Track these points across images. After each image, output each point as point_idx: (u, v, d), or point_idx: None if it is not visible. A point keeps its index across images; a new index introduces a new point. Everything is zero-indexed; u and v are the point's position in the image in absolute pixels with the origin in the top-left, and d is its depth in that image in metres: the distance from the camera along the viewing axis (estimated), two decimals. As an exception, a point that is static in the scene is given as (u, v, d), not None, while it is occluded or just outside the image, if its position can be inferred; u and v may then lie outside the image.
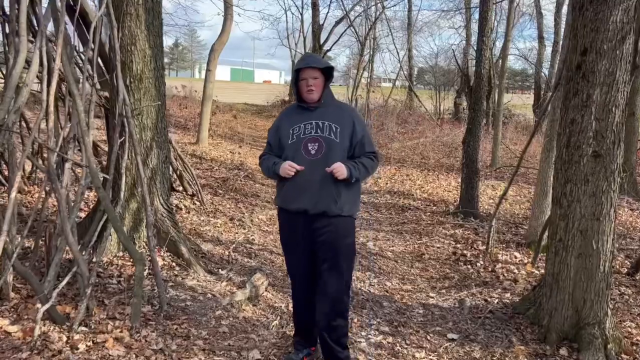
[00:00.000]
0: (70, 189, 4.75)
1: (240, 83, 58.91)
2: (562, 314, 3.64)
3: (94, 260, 3.92)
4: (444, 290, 4.61)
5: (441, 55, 26.98)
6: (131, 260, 4.08)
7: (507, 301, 4.32)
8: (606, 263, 3.54)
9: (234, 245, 5.17)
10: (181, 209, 6.09)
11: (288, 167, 2.80)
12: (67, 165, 3.78)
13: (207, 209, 6.27)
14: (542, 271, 5.16)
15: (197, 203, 6.36)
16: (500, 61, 12.59)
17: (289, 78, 29.58)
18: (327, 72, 2.95)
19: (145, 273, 4.06)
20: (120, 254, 4.28)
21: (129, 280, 3.90)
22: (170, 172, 6.52)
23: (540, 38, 22.36)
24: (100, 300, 3.53)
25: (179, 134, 11.98)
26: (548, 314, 3.72)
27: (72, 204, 3.76)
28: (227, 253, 4.94)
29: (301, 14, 20.33)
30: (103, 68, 4.84)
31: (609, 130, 3.44)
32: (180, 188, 6.62)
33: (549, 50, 22.49)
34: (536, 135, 19.70)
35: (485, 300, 4.36)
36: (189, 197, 6.49)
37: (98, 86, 5.38)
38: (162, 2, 4.52)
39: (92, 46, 4.09)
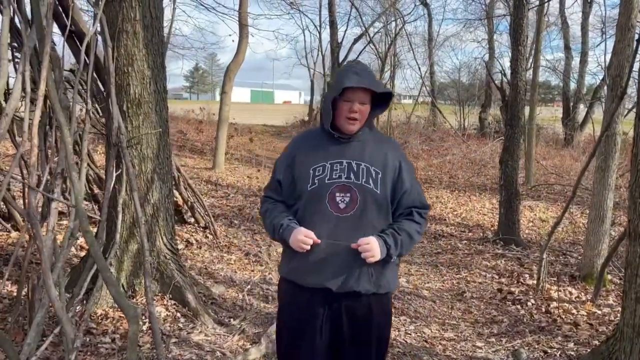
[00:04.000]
0: (59, 232, 4.23)
1: (260, 104, 59.04)
2: (649, 375, 2.95)
3: (84, 315, 3.37)
4: (493, 339, 3.94)
5: (464, 69, 26.31)
6: (129, 312, 3.53)
7: (572, 353, 3.63)
8: None
9: (248, 286, 4.59)
10: (192, 244, 5.55)
11: (303, 239, 1.98)
12: (53, 205, 3.26)
13: (220, 243, 5.72)
14: (605, 310, 4.47)
15: (210, 236, 5.81)
16: (532, 73, 11.89)
17: (308, 98, 29.22)
18: (379, 98, 2.11)
19: (144, 327, 3.51)
20: (117, 305, 3.73)
21: (126, 337, 3.34)
22: (181, 204, 6.01)
23: (567, 48, 21.59)
24: (88, 367, 2.97)
25: (195, 159, 11.54)
26: (630, 375, 3.03)
27: (60, 249, 3.24)
28: (240, 297, 4.35)
29: (319, 33, 19.94)
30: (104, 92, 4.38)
31: (702, 149, 2.79)
32: (192, 220, 6.09)
33: (576, 60, 21.83)
34: (567, 148, 18.99)
35: (545, 352, 3.68)
36: (201, 229, 5.95)
37: (96, 112, 4.92)
38: (162, 18, 4.04)
39: (83, 67, 3.63)
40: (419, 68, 20.47)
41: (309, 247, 1.99)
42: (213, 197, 7.94)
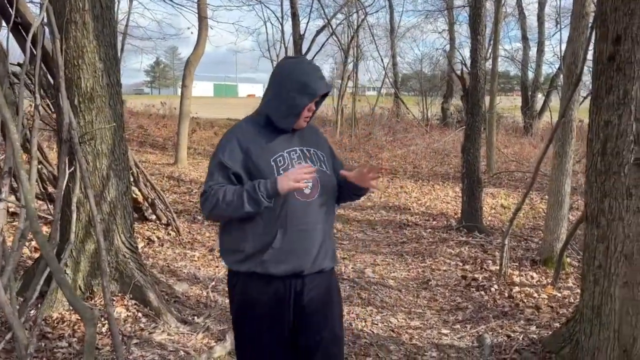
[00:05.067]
0: (10, 234, 4.06)
1: (224, 98, 58.33)
2: (608, 355, 3.01)
3: (38, 320, 3.24)
4: (458, 325, 3.98)
5: (425, 60, 26.52)
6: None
7: (534, 336, 3.69)
8: (659, 292, 2.93)
9: (213, 283, 4.51)
10: (154, 241, 5.41)
11: (300, 171, 1.94)
12: (1, 205, 3.12)
13: (183, 239, 5.60)
14: (565, 293, 4.58)
15: (172, 233, 5.69)
16: (491, 63, 12.07)
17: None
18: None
19: (103, 329, 3.39)
20: (75, 306, 3.59)
21: (84, 340, 3.21)
22: (141, 201, 5.85)
23: (525, 38, 22.04)
24: (43, 373, 2.85)
25: (156, 154, 11.29)
26: (590, 356, 3.09)
27: (10, 251, 3.09)
28: (205, 294, 4.27)
29: (281, 25, 19.72)
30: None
31: (653, 133, 2.85)
32: (153, 217, 5.94)
33: (533, 50, 22.31)
34: (527, 136, 19.43)
35: (508, 336, 3.74)
36: (163, 226, 5.82)
37: (47, 108, 4.72)
38: (113, 9, 3.89)
39: (30, 60, 3.46)
40: (382, 59, 20.55)
41: (310, 177, 1.98)
42: (175, 193, 7.77)
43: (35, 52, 3.58)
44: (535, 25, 22.39)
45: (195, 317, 3.79)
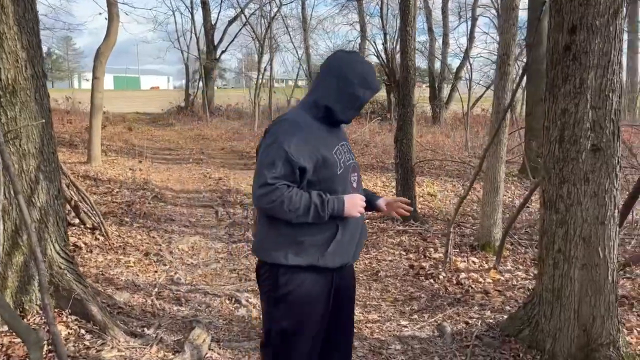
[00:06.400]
0: None
1: (125, 91, 55.54)
2: (569, 335, 3.14)
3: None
4: (415, 315, 3.99)
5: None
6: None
7: (491, 321, 3.78)
8: (614, 272, 3.08)
9: (155, 289, 4.19)
10: (81, 247, 4.95)
11: (362, 202, 2.10)
12: None
13: (113, 244, 5.17)
14: (507, 276, 4.75)
15: (101, 238, 5.24)
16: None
17: (178, 83, 27.90)
18: None
19: (45, 349, 3.01)
20: (6, 327, 3.16)
21: (21, 366, 2.83)
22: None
23: (430, 31, 22.90)
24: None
25: (64, 152, 10.43)
26: (551, 337, 3.21)
27: None
28: (149, 302, 3.95)
29: (192, 14, 19.01)
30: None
31: (608, 120, 2.98)
32: (77, 221, 5.44)
33: (439, 42, 23.27)
34: (436, 125, 20.27)
35: (466, 323, 3.80)
36: (89, 231, 5.34)
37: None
38: (35, -10, 3.45)
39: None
40: (297, 51, 20.46)
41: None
42: (95, 194, 7.19)
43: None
44: (440, 18, 23.40)
45: (145, 329, 3.49)
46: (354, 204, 2.05)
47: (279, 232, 2.07)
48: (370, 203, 2.30)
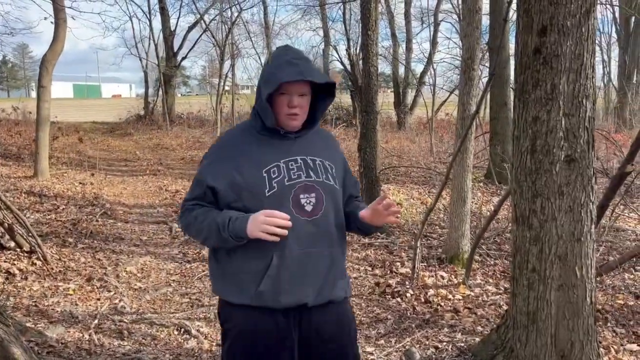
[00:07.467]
0: None
1: (86, 100, 54.16)
2: (546, 362, 2.89)
3: None
4: (382, 340, 3.69)
5: (301, 58, 26.51)
6: None
7: (462, 344, 3.51)
8: (592, 293, 2.85)
9: (95, 321, 3.77)
10: (14, 275, 4.48)
11: (271, 219, 1.69)
12: None
13: (52, 269, 4.71)
14: (477, 291, 4.52)
15: (38, 262, 4.77)
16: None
17: (140, 91, 27.15)
18: (322, 89, 1.91)
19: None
20: None
21: None
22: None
23: (394, 36, 22.89)
24: None
25: (10, 166, 9.80)
26: (527, 364, 2.96)
27: None
28: (87, 337, 3.54)
29: (149, 20, 18.44)
30: None
31: (582, 128, 2.74)
32: (12, 244, 4.95)
33: (402, 48, 23.27)
34: (401, 131, 20.23)
35: (436, 348, 3.52)
36: (25, 255, 4.86)
37: None
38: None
39: None
40: (259, 57, 20.11)
41: (285, 229, 1.70)
42: (38, 212, 6.67)
43: None
44: (403, 24, 23.43)
45: (78, 371, 3.09)
46: (256, 222, 1.68)
47: (215, 264, 1.89)
48: (355, 222, 1.96)
